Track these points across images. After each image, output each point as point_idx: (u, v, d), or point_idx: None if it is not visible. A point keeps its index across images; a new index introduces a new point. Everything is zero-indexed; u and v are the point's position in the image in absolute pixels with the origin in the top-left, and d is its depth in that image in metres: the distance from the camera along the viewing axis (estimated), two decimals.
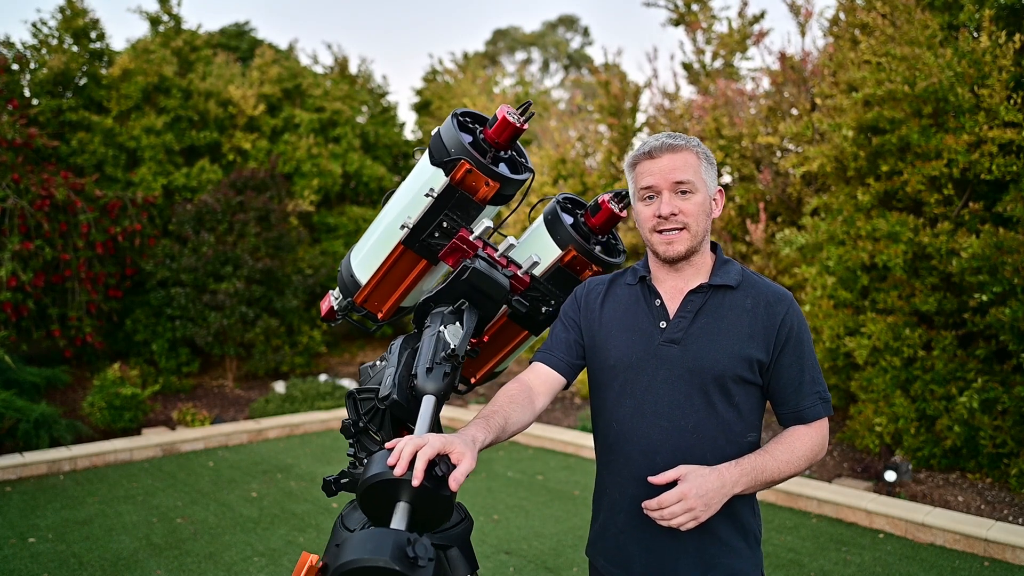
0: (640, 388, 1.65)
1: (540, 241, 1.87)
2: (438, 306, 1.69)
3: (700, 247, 1.65)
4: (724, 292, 1.65)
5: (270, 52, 10.67)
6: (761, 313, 1.63)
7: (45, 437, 5.95)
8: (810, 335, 1.69)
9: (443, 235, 1.71)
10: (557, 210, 1.84)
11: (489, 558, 4.15)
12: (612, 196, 1.82)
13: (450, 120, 1.68)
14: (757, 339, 1.61)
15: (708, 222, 1.64)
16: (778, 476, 1.57)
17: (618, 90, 9.15)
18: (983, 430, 5.14)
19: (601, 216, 1.83)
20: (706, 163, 1.63)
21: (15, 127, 7.42)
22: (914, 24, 5.74)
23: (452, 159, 1.63)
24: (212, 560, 4.12)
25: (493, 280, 1.66)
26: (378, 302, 1.90)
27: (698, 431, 1.61)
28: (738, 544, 1.63)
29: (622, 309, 1.72)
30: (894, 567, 4.12)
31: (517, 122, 1.66)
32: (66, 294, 7.78)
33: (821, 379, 1.67)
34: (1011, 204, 5.17)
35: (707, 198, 1.63)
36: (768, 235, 7.28)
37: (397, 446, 1.24)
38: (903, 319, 5.58)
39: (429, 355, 1.56)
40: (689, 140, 1.63)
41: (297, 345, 9.16)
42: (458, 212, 1.68)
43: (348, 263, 1.93)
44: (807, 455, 1.62)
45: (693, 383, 1.61)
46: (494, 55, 29.58)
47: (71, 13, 8.69)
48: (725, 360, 1.59)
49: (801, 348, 1.64)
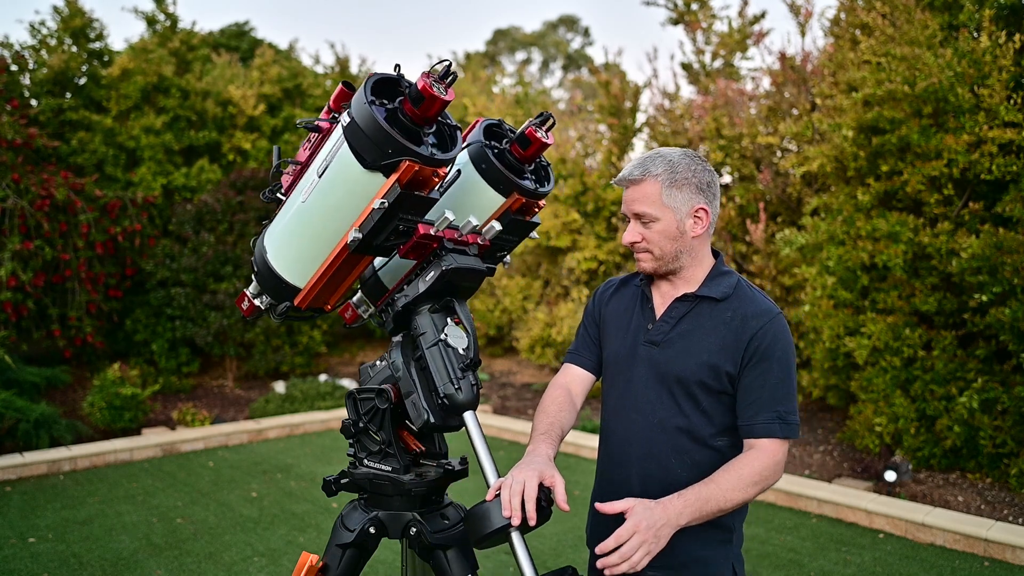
0: (623, 382, 1.80)
1: (477, 191, 1.70)
2: (419, 307, 1.62)
3: (676, 263, 1.74)
4: (710, 303, 1.74)
5: (270, 52, 10.67)
6: (736, 326, 1.69)
7: (45, 437, 5.95)
8: (788, 355, 1.69)
9: (400, 236, 1.55)
10: (490, 156, 1.66)
11: (489, 558, 4.15)
12: (537, 123, 1.67)
13: (369, 109, 1.43)
14: (728, 351, 1.68)
15: (678, 243, 1.71)
16: (725, 504, 1.57)
17: (618, 90, 9.15)
18: (983, 430, 5.14)
19: (532, 148, 1.69)
20: (671, 188, 1.68)
21: (15, 127, 7.42)
22: (914, 24, 5.74)
23: (391, 162, 1.44)
24: (212, 560, 4.12)
25: (472, 271, 1.60)
26: (324, 298, 1.75)
27: (664, 427, 1.73)
28: (705, 533, 1.68)
29: (623, 307, 1.86)
30: (894, 567, 4.12)
31: (443, 95, 1.43)
32: (66, 294, 7.77)
33: (789, 402, 1.66)
34: (1011, 204, 5.17)
35: (672, 222, 1.69)
36: (768, 235, 7.28)
37: (503, 495, 1.43)
38: (903, 319, 5.58)
39: (446, 373, 1.53)
40: (651, 168, 1.70)
41: (297, 345, 9.16)
42: (412, 212, 1.54)
43: (270, 266, 1.70)
44: (755, 480, 1.60)
45: (663, 383, 1.73)
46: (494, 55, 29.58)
47: (69, 13, 8.69)
48: (692, 367, 1.69)
49: (768, 365, 1.66)
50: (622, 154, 9.35)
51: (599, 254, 8.65)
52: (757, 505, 5.15)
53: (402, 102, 1.47)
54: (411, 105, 1.45)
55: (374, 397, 1.67)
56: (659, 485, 1.70)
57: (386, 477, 1.67)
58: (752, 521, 4.82)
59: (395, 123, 1.46)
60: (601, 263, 8.84)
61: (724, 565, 1.72)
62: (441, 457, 1.77)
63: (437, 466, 1.72)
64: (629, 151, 9.46)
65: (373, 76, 1.48)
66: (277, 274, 1.69)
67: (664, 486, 1.68)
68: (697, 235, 1.72)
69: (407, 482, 1.65)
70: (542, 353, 8.92)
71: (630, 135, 9.34)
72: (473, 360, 1.56)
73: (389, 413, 1.66)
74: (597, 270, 8.96)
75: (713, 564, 1.71)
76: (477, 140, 1.68)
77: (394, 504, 1.67)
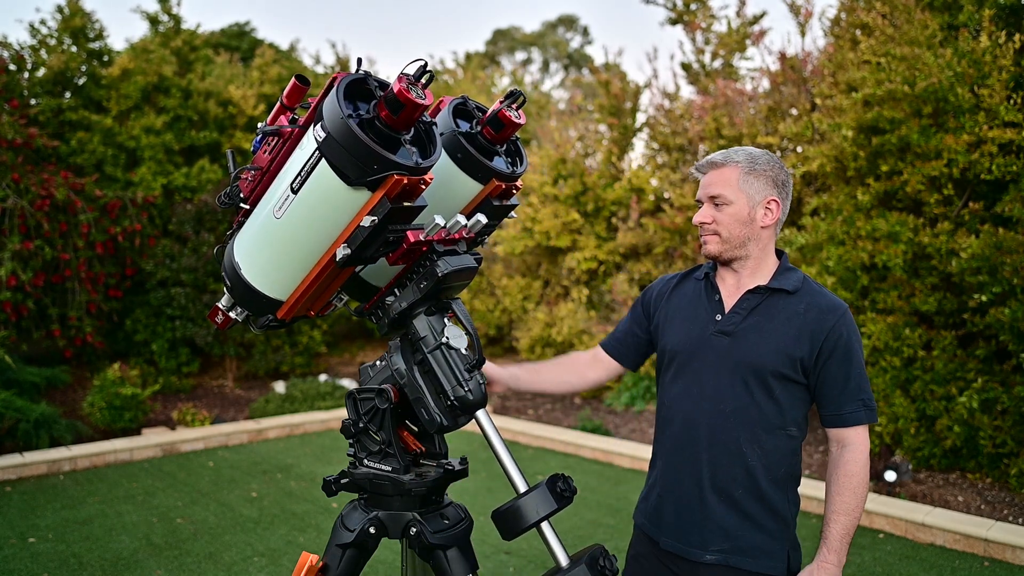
0: (691, 371, 1.86)
1: (455, 181, 1.64)
2: (414, 311, 1.60)
3: (742, 251, 1.82)
4: (781, 296, 1.82)
5: (270, 52, 10.68)
6: (812, 318, 1.77)
7: (45, 437, 5.95)
8: (861, 347, 1.81)
9: (389, 245, 1.51)
10: (465, 145, 1.60)
11: (489, 558, 4.16)
12: (507, 103, 1.62)
13: (348, 124, 1.33)
14: (803, 341, 1.76)
15: (747, 229, 1.80)
16: (855, 519, 1.76)
17: (618, 90, 9.15)
18: (983, 430, 5.14)
19: (505, 130, 1.63)
20: (748, 175, 1.79)
21: (15, 127, 7.42)
22: (914, 24, 5.74)
23: (378, 177, 1.38)
24: (212, 560, 4.12)
25: (465, 270, 1.57)
26: (308, 308, 1.70)
27: (737, 416, 1.79)
28: (766, 523, 1.80)
29: (686, 301, 1.94)
30: (894, 567, 4.13)
31: (422, 99, 1.37)
32: (66, 294, 7.77)
33: (867, 388, 1.78)
34: (1011, 204, 5.17)
35: (745, 207, 1.79)
36: None
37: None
38: (903, 319, 5.58)
39: (453, 376, 1.53)
40: (734, 155, 1.82)
41: (297, 345, 9.16)
42: (401, 222, 1.49)
43: (245, 281, 1.63)
44: (864, 477, 1.76)
45: (737, 373, 1.79)
46: (494, 55, 29.59)
47: (69, 13, 8.69)
48: (768, 356, 1.77)
49: (849, 357, 1.77)
50: (622, 154, 9.35)
51: (599, 254, 8.65)
52: None
53: (377, 107, 1.38)
54: (388, 111, 1.37)
55: (374, 397, 1.67)
56: (727, 471, 1.80)
57: (386, 477, 1.66)
58: None
59: (373, 132, 1.39)
60: (601, 263, 8.84)
61: (780, 552, 1.82)
62: (441, 457, 1.77)
63: (437, 466, 1.72)
64: (629, 151, 9.47)
65: (342, 80, 1.39)
66: (255, 289, 1.62)
67: (733, 472, 1.79)
68: (766, 225, 1.80)
69: (407, 482, 1.65)
70: (542, 353, 8.92)
71: (630, 135, 9.34)
72: (479, 360, 1.56)
73: (389, 413, 1.66)
74: (597, 270, 8.96)
75: (770, 551, 1.81)
76: (448, 127, 1.60)
77: (394, 504, 1.67)
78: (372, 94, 1.43)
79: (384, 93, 1.39)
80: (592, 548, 1.44)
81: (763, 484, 1.78)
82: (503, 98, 1.62)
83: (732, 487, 1.80)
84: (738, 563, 1.78)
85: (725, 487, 1.80)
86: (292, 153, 1.51)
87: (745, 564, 1.78)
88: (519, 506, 1.44)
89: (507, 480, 1.58)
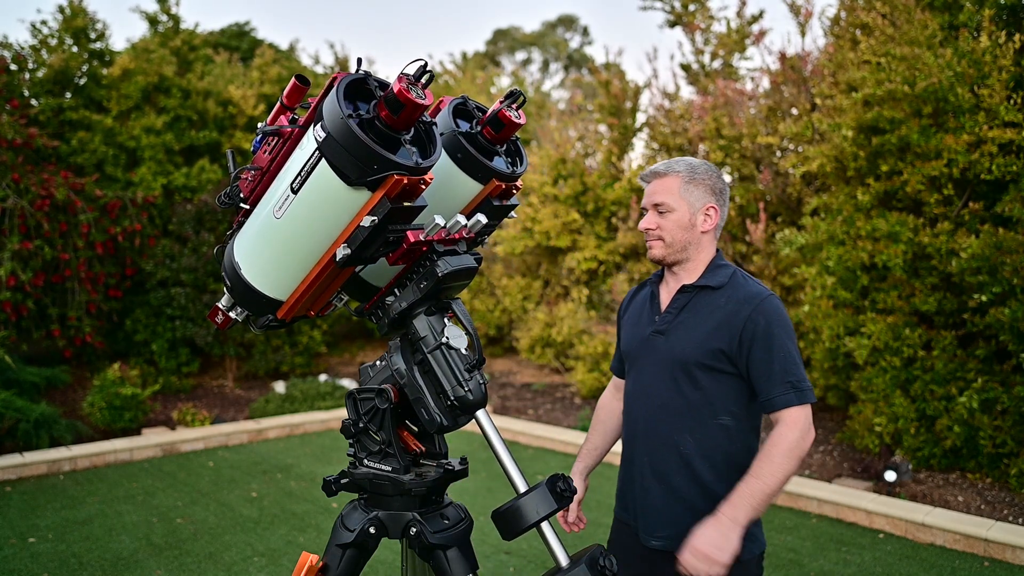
0: (636, 370, 2.04)
1: (455, 181, 1.63)
2: (414, 311, 1.60)
3: (683, 254, 1.96)
4: (707, 292, 1.93)
5: (270, 52, 10.68)
6: (730, 309, 1.88)
7: (45, 437, 5.95)
8: (786, 330, 1.86)
9: (389, 245, 1.50)
10: (465, 145, 1.59)
11: (489, 558, 4.16)
12: (507, 104, 1.61)
13: (348, 124, 1.34)
14: (722, 332, 1.87)
15: (688, 234, 1.94)
16: (775, 486, 1.76)
17: (618, 90, 9.15)
18: (983, 430, 5.14)
19: (505, 131, 1.63)
20: (688, 184, 1.93)
21: (15, 127, 7.42)
22: (914, 24, 5.74)
23: (378, 177, 1.37)
24: (212, 560, 4.12)
25: (465, 270, 1.57)
26: (308, 307, 1.70)
27: (666, 408, 1.93)
28: (707, 510, 1.83)
29: (638, 306, 2.12)
30: (894, 567, 4.13)
31: (422, 99, 1.36)
32: (66, 294, 7.77)
33: (796, 370, 1.83)
34: (1011, 204, 5.17)
35: (686, 214, 1.93)
36: (768, 235, 7.28)
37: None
38: (903, 319, 5.58)
39: (453, 376, 1.53)
40: (674, 166, 1.95)
41: (297, 345, 9.16)
42: (401, 222, 1.48)
43: (245, 281, 1.63)
44: (788, 453, 1.78)
45: (667, 368, 1.93)
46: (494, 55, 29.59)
47: (71, 13, 8.69)
48: (691, 349, 1.89)
49: (770, 342, 1.84)
50: (622, 154, 9.35)
51: (599, 254, 8.65)
52: None
53: (377, 107, 1.38)
54: (388, 111, 1.37)
55: (374, 397, 1.67)
56: (665, 461, 1.92)
57: (386, 477, 1.66)
58: None
59: (373, 133, 1.39)
60: (601, 263, 8.83)
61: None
62: (441, 457, 1.77)
63: (437, 466, 1.72)
64: (629, 151, 9.47)
65: (342, 80, 1.39)
66: (255, 289, 1.62)
67: (669, 461, 1.91)
68: (706, 230, 1.95)
69: (407, 482, 1.65)
70: (542, 353, 8.91)
71: (630, 135, 9.34)
72: (478, 360, 1.56)
73: (389, 413, 1.66)
74: (597, 270, 8.96)
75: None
76: (448, 127, 1.60)
77: (394, 504, 1.67)
78: (372, 94, 1.42)
79: (384, 93, 1.39)
80: (592, 548, 1.44)
81: (701, 472, 1.88)
82: (503, 98, 1.61)
83: (671, 476, 1.92)
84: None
85: (664, 476, 1.93)
86: (292, 153, 1.51)
87: None
88: (519, 506, 1.45)
89: (507, 480, 1.58)
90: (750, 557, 1.88)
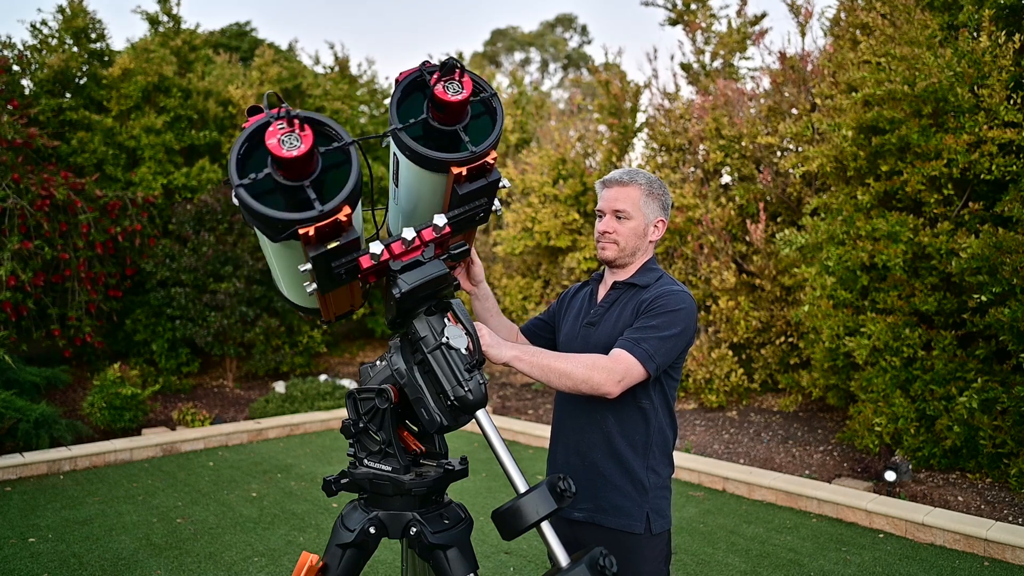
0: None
1: (419, 177, 1.58)
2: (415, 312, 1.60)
3: (631, 259, 2.12)
4: (635, 289, 2.09)
5: (270, 52, 10.67)
6: (640, 300, 2.04)
7: (45, 437, 5.95)
8: (674, 315, 1.96)
9: (348, 274, 1.52)
10: (407, 142, 1.51)
11: (489, 558, 4.16)
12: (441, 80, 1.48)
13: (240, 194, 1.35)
14: (632, 319, 2.02)
15: (639, 242, 2.10)
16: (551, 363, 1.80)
17: (618, 90, 9.15)
18: (983, 430, 5.14)
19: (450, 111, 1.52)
20: (647, 197, 2.08)
21: (15, 127, 7.42)
22: (914, 24, 5.73)
23: (287, 234, 1.37)
24: (212, 560, 4.12)
25: (431, 281, 1.55)
26: (343, 309, 1.80)
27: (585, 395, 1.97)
28: (623, 485, 2.01)
29: (579, 301, 2.27)
30: (894, 567, 4.13)
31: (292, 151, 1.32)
32: (66, 294, 7.77)
33: (652, 341, 1.91)
34: (1011, 204, 5.17)
35: (642, 224, 2.08)
36: (768, 235, 7.28)
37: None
38: (903, 319, 5.58)
39: (453, 376, 1.53)
40: (636, 177, 2.09)
41: (297, 345, 9.16)
42: (343, 255, 1.47)
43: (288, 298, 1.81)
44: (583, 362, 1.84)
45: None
46: (493, 55, 29.59)
47: (71, 13, 8.69)
48: (609, 338, 2.02)
49: (651, 314, 1.97)
50: (622, 154, 9.35)
51: None
52: (757, 504, 5.15)
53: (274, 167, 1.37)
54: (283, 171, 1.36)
55: (374, 397, 1.67)
56: (588, 437, 2.05)
57: (386, 477, 1.67)
58: (752, 520, 4.82)
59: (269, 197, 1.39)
60: None
61: (639, 513, 2.00)
62: (441, 457, 1.77)
63: (437, 466, 1.72)
64: (629, 151, 9.46)
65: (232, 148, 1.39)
66: (293, 300, 1.78)
67: (592, 437, 2.04)
68: (653, 240, 2.13)
69: (407, 482, 1.65)
70: None
71: (630, 135, 9.34)
72: (479, 359, 1.56)
73: (389, 413, 1.66)
74: (597, 270, 8.95)
75: (628, 512, 2.00)
76: (394, 125, 1.52)
77: (394, 504, 1.67)
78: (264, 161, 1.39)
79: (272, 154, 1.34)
80: (592, 548, 1.44)
81: (620, 448, 2.01)
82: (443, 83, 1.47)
83: (592, 451, 2.05)
84: (601, 520, 2.02)
85: (587, 451, 2.06)
86: None
87: (606, 521, 2.01)
88: (519, 506, 1.45)
89: (507, 480, 1.59)
90: (661, 531, 2.03)
